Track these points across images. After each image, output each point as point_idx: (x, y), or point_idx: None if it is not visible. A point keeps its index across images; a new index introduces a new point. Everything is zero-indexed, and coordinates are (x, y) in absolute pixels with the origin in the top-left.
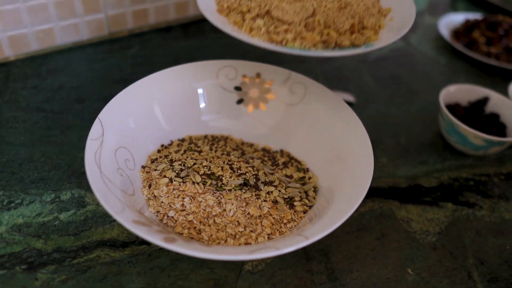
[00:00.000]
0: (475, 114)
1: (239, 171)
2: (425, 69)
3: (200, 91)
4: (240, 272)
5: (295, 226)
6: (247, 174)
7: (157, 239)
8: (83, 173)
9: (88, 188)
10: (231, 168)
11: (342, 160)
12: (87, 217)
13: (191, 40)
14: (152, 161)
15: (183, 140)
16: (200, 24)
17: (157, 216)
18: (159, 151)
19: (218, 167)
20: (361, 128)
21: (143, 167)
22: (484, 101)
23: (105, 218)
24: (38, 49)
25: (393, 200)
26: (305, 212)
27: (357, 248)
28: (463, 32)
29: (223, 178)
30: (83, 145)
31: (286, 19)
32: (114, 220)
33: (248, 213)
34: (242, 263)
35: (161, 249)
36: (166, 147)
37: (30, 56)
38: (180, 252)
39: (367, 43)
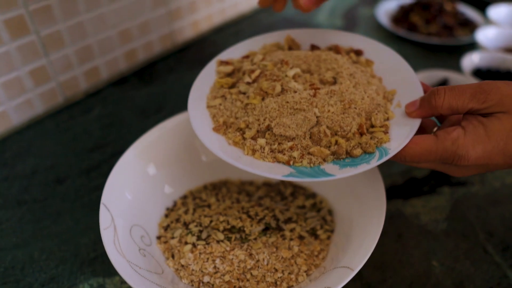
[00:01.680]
0: None
1: (257, 217)
2: None
3: (196, 141)
4: None
5: (326, 255)
6: (266, 217)
7: None
8: (93, 259)
9: (105, 274)
10: (249, 216)
11: (347, 179)
12: None
13: (150, 86)
14: (165, 229)
15: (185, 197)
16: (153, 67)
17: (192, 285)
18: (166, 215)
19: (236, 218)
20: None
21: (158, 237)
22: (444, 83)
23: None
24: None
25: (396, 199)
26: (329, 237)
27: (382, 256)
28: (401, 18)
29: (245, 228)
30: (82, 229)
31: (289, 134)
32: None
33: (282, 257)
34: None
35: None
36: (172, 210)
37: None
38: None
39: (380, 146)
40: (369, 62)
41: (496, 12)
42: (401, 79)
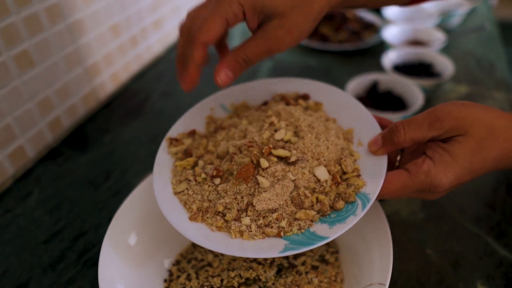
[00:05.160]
0: (375, 97)
1: (267, 261)
2: (305, 77)
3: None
4: None
5: (343, 277)
6: (275, 259)
7: None
8: None
9: None
10: (258, 263)
11: None
12: None
13: (87, 153)
14: None
15: (178, 262)
16: (81, 130)
17: None
18: None
19: (247, 269)
20: None
21: None
22: (375, 85)
23: None
24: None
25: None
26: (337, 259)
27: None
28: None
29: (260, 276)
30: None
31: (272, 206)
32: None
33: None
34: None
35: None
36: (171, 280)
37: None
38: None
39: (358, 193)
40: (318, 104)
41: (390, 11)
42: (353, 115)
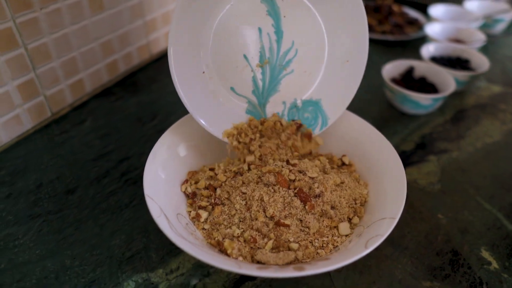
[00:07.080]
0: (410, 81)
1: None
2: None
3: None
4: (330, 275)
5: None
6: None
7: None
8: (131, 258)
9: (147, 269)
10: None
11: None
12: None
13: (136, 96)
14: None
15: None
16: (133, 77)
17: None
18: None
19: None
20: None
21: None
22: (410, 70)
23: (186, 286)
24: None
25: None
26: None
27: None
28: None
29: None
30: (110, 232)
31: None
32: (196, 285)
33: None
34: None
35: (264, 281)
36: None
37: None
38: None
39: None
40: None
41: (435, 10)
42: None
